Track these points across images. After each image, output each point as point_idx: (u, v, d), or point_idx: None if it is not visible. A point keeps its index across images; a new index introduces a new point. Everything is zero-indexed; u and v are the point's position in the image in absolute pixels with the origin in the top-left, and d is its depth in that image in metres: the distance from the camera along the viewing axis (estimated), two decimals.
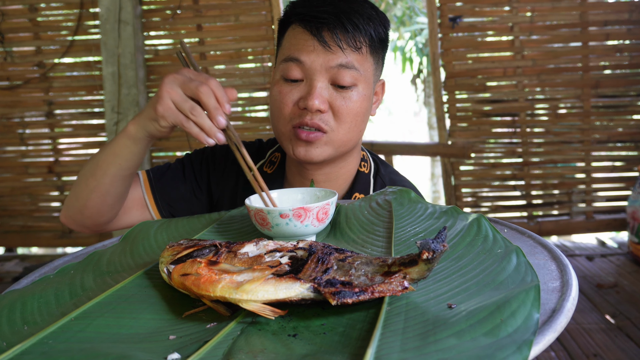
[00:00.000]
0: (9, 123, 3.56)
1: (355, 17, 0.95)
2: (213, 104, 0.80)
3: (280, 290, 0.50)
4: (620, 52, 3.43)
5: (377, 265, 0.54)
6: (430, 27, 3.46)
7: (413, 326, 0.47)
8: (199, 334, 0.49)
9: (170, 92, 0.81)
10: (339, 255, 0.56)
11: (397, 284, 0.50)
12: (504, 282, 0.54)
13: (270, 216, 0.71)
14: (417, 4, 8.17)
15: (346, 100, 0.96)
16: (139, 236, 0.80)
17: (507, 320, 0.45)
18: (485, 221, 0.72)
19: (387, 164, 1.19)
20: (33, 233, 3.65)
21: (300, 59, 0.95)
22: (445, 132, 3.54)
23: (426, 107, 9.07)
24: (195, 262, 0.56)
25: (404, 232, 0.75)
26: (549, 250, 0.66)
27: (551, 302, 0.51)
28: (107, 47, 3.35)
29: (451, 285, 0.55)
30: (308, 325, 0.50)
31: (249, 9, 3.43)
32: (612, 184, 3.58)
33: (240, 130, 3.54)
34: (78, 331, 0.50)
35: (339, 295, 0.49)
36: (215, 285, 0.51)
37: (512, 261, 0.59)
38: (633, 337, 2.29)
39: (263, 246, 0.60)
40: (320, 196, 0.82)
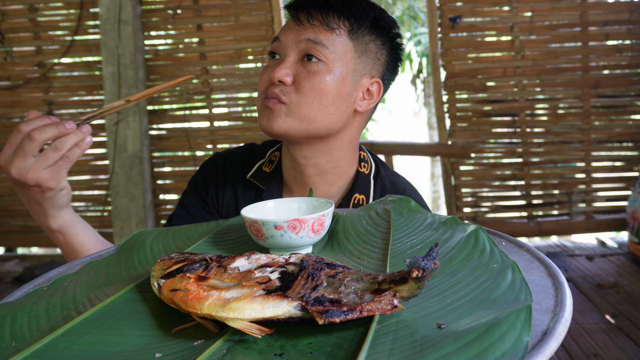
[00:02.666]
0: (9, 123, 3.56)
1: (335, 1, 0.99)
2: (50, 130, 0.80)
3: (267, 309, 0.49)
4: (620, 52, 3.43)
5: (367, 282, 0.53)
6: (430, 27, 3.46)
7: (400, 347, 0.46)
8: (186, 351, 0.49)
9: (22, 172, 0.80)
10: (330, 271, 0.55)
11: (387, 303, 0.49)
12: (497, 300, 0.53)
13: (265, 228, 0.71)
14: (416, 4, 8.16)
15: (310, 74, 0.97)
16: (134, 246, 0.78)
17: (496, 343, 0.44)
18: (484, 233, 0.71)
19: (388, 165, 1.19)
20: (33, 233, 3.65)
21: (279, 36, 1.02)
22: (445, 132, 3.54)
23: (426, 107, 9.07)
24: (184, 277, 0.56)
25: (401, 243, 0.75)
26: (546, 266, 0.65)
27: (543, 324, 0.50)
28: (107, 47, 3.35)
29: (443, 303, 0.54)
30: (295, 344, 0.49)
31: (249, 9, 3.43)
32: (612, 184, 3.58)
33: (240, 130, 3.54)
34: (63, 349, 0.49)
35: (326, 314, 0.48)
36: (202, 302, 0.51)
37: (508, 277, 0.58)
38: (633, 337, 2.29)
39: (255, 260, 0.60)
40: (317, 206, 0.82)
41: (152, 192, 3.55)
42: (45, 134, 0.79)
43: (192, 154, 3.55)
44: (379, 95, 1.07)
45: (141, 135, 3.42)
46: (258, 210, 0.81)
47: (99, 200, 3.57)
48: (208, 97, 3.52)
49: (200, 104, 3.57)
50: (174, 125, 3.56)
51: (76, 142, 0.82)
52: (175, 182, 3.60)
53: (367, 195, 1.08)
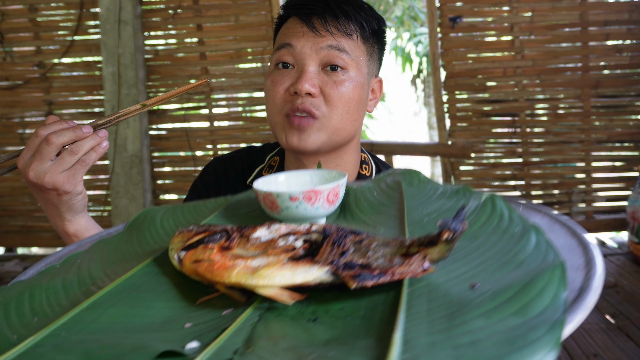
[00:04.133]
0: (9, 123, 3.56)
1: (345, 5, 0.97)
2: (68, 134, 0.80)
3: (297, 275, 0.49)
4: (620, 52, 3.43)
5: (394, 247, 0.53)
6: (430, 27, 3.46)
7: (437, 307, 0.45)
8: (216, 321, 0.48)
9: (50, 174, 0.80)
10: (355, 238, 0.55)
11: (417, 265, 0.49)
12: (525, 261, 0.53)
13: (280, 199, 0.69)
14: (416, 4, 8.16)
15: (337, 84, 0.96)
16: (144, 223, 0.78)
17: (535, 299, 0.44)
18: (499, 200, 0.71)
19: (389, 166, 1.18)
20: (33, 233, 3.65)
21: (291, 43, 0.97)
22: (445, 132, 3.54)
23: (426, 107, 9.07)
24: (207, 247, 0.55)
25: (416, 212, 0.74)
26: (568, 228, 0.63)
27: (577, 281, 0.49)
28: (107, 47, 3.35)
29: (470, 265, 0.54)
30: (327, 309, 0.49)
31: (249, 9, 3.43)
32: (612, 184, 3.58)
33: (240, 130, 3.54)
34: (90, 322, 0.48)
35: (358, 278, 0.48)
36: (230, 271, 0.50)
37: (531, 240, 0.57)
38: (633, 337, 2.29)
39: (275, 230, 0.59)
40: (328, 178, 0.80)
41: (152, 192, 3.55)
42: (63, 138, 0.80)
43: (192, 154, 3.55)
44: (381, 93, 1.08)
45: (141, 135, 3.42)
46: (270, 184, 0.79)
47: (99, 200, 3.57)
48: (208, 97, 3.52)
49: (200, 104, 3.57)
50: (174, 125, 3.56)
51: (93, 146, 0.82)
52: (175, 182, 3.60)
53: None
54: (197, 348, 0.42)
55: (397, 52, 8.65)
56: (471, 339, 0.40)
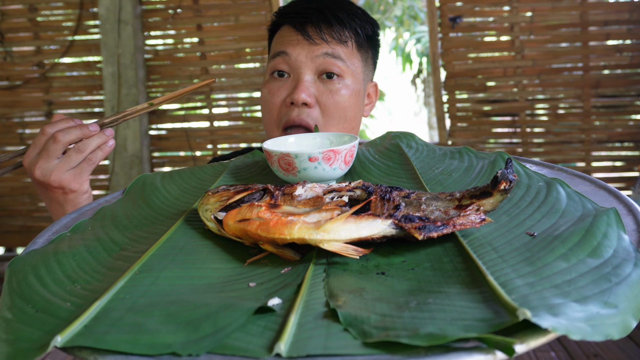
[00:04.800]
0: (9, 123, 3.56)
1: (339, 12, 0.97)
2: (75, 131, 0.79)
3: (362, 229, 0.48)
4: (620, 52, 3.43)
5: (446, 200, 0.53)
6: (430, 27, 3.46)
7: (509, 254, 0.45)
8: (279, 279, 0.47)
9: (56, 172, 0.80)
10: (400, 193, 0.54)
11: (475, 217, 0.49)
12: (567, 210, 0.53)
13: (298, 160, 0.67)
14: (416, 4, 8.16)
15: (333, 93, 0.96)
16: (145, 189, 0.77)
17: (603, 242, 0.45)
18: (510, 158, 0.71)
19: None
20: (33, 233, 3.64)
21: (286, 51, 0.97)
22: (445, 132, 3.53)
23: (426, 107, 9.08)
24: (253, 206, 0.53)
25: (429, 172, 0.73)
26: (590, 180, 0.64)
27: (629, 224, 0.50)
28: (107, 47, 3.35)
29: (513, 216, 0.54)
30: (390, 263, 0.48)
31: (249, 9, 3.42)
32: (612, 184, 3.58)
33: (240, 130, 3.54)
34: (150, 284, 0.47)
35: (424, 230, 0.48)
36: (290, 227, 0.49)
37: (561, 191, 0.58)
38: (633, 337, 2.29)
39: (310, 188, 0.57)
40: (334, 140, 0.79)
41: None
42: (69, 136, 0.79)
43: (192, 154, 3.54)
44: (377, 97, 1.08)
45: (141, 135, 3.42)
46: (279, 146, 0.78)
47: None
48: (208, 97, 3.52)
49: (200, 104, 3.57)
50: (173, 125, 3.56)
51: (99, 144, 0.82)
52: None
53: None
54: (281, 304, 0.42)
55: (397, 52, 8.65)
56: (564, 278, 0.40)
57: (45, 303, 0.45)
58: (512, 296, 0.38)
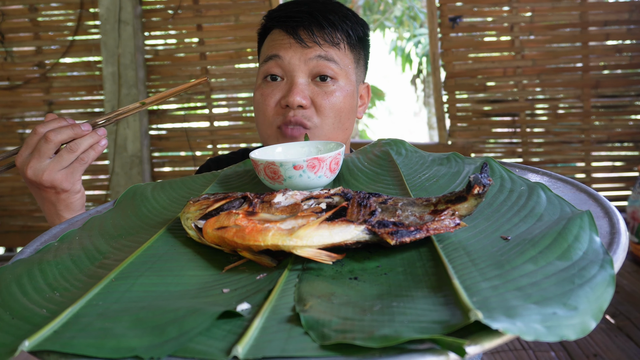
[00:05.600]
0: (9, 123, 3.56)
1: (331, 15, 0.97)
2: (66, 131, 0.80)
3: (335, 234, 0.48)
4: (620, 52, 3.43)
5: (422, 205, 0.53)
6: (430, 27, 3.46)
7: (480, 259, 0.46)
8: (253, 285, 0.48)
9: (48, 172, 0.80)
10: (377, 199, 0.55)
11: (449, 221, 0.49)
12: (545, 214, 0.54)
13: (283, 168, 0.68)
14: (416, 4, 8.16)
15: (328, 94, 0.96)
16: (135, 199, 0.77)
17: (573, 244, 0.45)
18: (496, 163, 0.72)
19: None
20: (33, 233, 3.65)
21: (279, 54, 0.96)
22: (445, 132, 3.54)
23: (426, 107, 9.08)
24: (231, 214, 0.54)
25: (416, 178, 0.74)
26: (572, 184, 0.65)
27: (604, 227, 0.51)
28: (107, 47, 3.35)
29: (491, 221, 0.55)
30: (363, 268, 0.49)
31: (249, 9, 3.43)
32: (612, 184, 3.58)
33: (240, 130, 3.54)
34: (125, 291, 0.48)
35: (396, 235, 0.48)
36: (264, 234, 0.49)
37: (541, 195, 0.58)
38: (633, 337, 2.29)
39: (291, 195, 0.58)
40: (322, 148, 0.79)
41: None
42: (61, 135, 0.80)
43: (192, 154, 3.55)
44: (369, 98, 1.09)
45: (141, 135, 3.42)
46: (267, 154, 0.78)
47: (99, 200, 3.57)
48: (208, 97, 3.52)
49: (200, 104, 3.57)
50: (173, 125, 3.56)
51: (91, 144, 0.82)
52: None
53: None
54: (250, 309, 0.43)
55: (397, 52, 8.65)
56: (529, 281, 0.41)
57: (23, 310, 0.46)
58: (473, 299, 0.39)
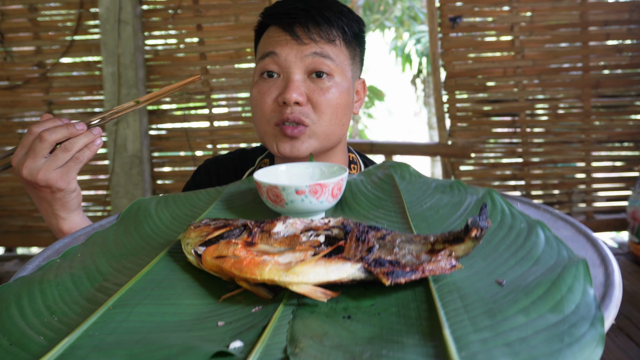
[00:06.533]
0: (9, 123, 3.56)
1: (326, 11, 0.97)
2: (61, 131, 0.80)
3: (331, 272, 0.49)
4: (620, 52, 3.43)
5: (419, 244, 0.53)
6: (430, 27, 3.46)
7: (473, 304, 0.46)
8: (248, 318, 0.48)
9: (43, 172, 0.81)
10: (376, 234, 0.55)
11: (446, 263, 0.49)
12: (542, 257, 0.53)
13: (286, 193, 0.68)
14: (416, 4, 8.16)
15: (324, 91, 0.96)
16: (139, 215, 0.77)
17: (566, 296, 0.45)
18: (497, 195, 0.71)
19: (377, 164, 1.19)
20: (33, 233, 3.65)
21: (275, 51, 0.97)
22: (445, 132, 3.54)
23: (426, 107, 9.07)
24: (230, 243, 0.54)
25: (417, 206, 0.74)
26: (572, 224, 0.64)
27: (599, 276, 0.50)
28: (107, 47, 3.35)
29: (488, 261, 0.54)
30: (358, 306, 0.49)
31: (249, 9, 3.43)
32: (612, 184, 3.58)
33: (240, 130, 3.54)
34: (122, 321, 0.48)
35: (392, 275, 0.48)
36: (261, 267, 0.49)
37: (540, 236, 0.58)
38: (633, 337, 2.29)
39: (291, 224, 0.58)
40: (325, 170, 0.80)
41: (152, 192, 3.55)
42: (56, 135, 0.80)
43: (192, 154, 3.55)
44: (365, 94, 1.09)
45: (141, 135, 3.42)
46: (270, 175, 0.79)
47: (99, 200, 3.57)
48: (208, 97, 3.52)
49: (200, 104, 3.57)
50: (173, 125, 3.56)
51: (86, 143, 0.82)
52: (175, 182, 3.60)
53: None
54: (242, 347, 0.42)
55: (397, 52, 8.64)
56: (519, 336, 0.41)
57: (20, 335, 0.46)
58: (462, 353, 0.39)
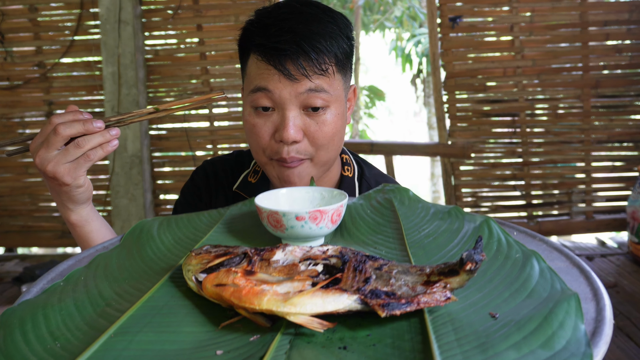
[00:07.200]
0: (9, 123, 3.56)
1: (317, 41, 0.92)
2: (77, 126, 0.80)
3: (328, 303, 0.50)
4: (620, 52, 3.43)
5: (415, 275, 0.54)
6: (430, 27, 3.46)
7: (466, 337, 0.47)
8: (246, 347, 0.48)
9: (54, 164, 0.81)
10: (374, 264, 0.56)
11: (440, 295, 0.50)
12: (535, 289, 0.54)
13: (286, 218, 0.70)
14: (416, 4, 8.16)
15: (320, 125, 0.95)
16: (142, 237, 0.78)
17: (558, 331, 0.45)
18: (495, 224, 0.72)
19: (372, 165, 1.18)
20: (33, 233, 3.65)
21: (268, 88, 0.93)
22: (445, 132, 3.54)
23: (426, 107, 9.07)
24: (230, 271, 0.55)
25: (415, 233, 0.75)
26: (566, 255, 0.65)
27: (590, 311, 0.51)
28: (107, 47, 3.35)
29: (483, 292, 0.55)
30: (354, 337, 0.50)
31: (249, 9, 3.43)
32: (612, 184, 3.58)
33: (240, 130, 3.54)
34: (122, 349, 0.49)
35: (387, 307, 0.49)
36: (260, 297, 0.51)
37: (535, 267, 0.59)
38: (633, 337, 2.29)
39: (290, 252, 0.60)
40: (326, 195, 0.81)
41: (152, 192, 3.55)
42: (70, 130, 0.79)
43: (192, 154, 3.55)
44: (355, 99, 1.08)
45: (141, 135, 3.42)
46: (270, 199, 0.79)
47: (99, 200, 3.57)
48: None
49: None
50: (173, 125, 3.56)
51: (101, 142, 0.81)
52: (175, 182, 3.60)
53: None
54: None
55: (397, 53, 8.64)
56: None
57: None
58: None
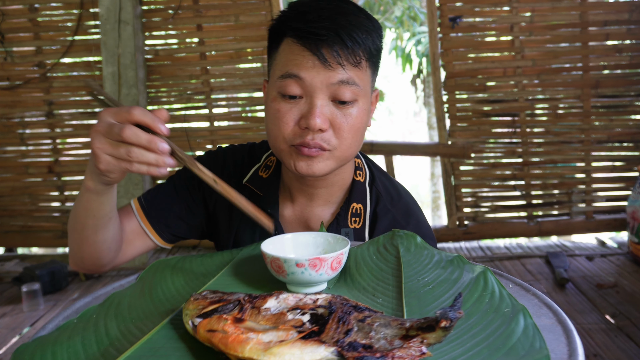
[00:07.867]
0: (9, 123, 3.56)
1: (354, 32, 0.93)
2: (144, 139, 0.77)
3: (306, 354, 0.53)
4: (620, 52, 3.43)
5: (395, 328, 0.57)
6: (430, 27, 3.46)
7: None
8: None
9: (100, 148, 0.78)
10: (358, 315, 0.59)
11: (416, 349, 0.53)
12: (514, 347, 0.57)
13: (287, 265, 0.74)
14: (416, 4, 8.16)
15: (347, 117, 0.95)
16: (155, 277, 0.82)
17: None
18: (491, 275, 0.75)
19: (383, 170, 1.18)
20: (33, 233, 3.65)
21: (299, 75, 0.92)
22: (445, 132, 3.54)
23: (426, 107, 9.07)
24: (221, 318, 0.59)
25: (413, 281, 0.78)
26: (554, 312, 0.68)
27: None
28: (107, 47, 3.35)
29: (463, 348, 0.57)
30: None
31: (249, 9, 3.43)
32: (612, 184, 3.58)
33: (240, 130, 3.54)
34: None
35: None
36: (243, 345, 0.54)
37: (520, 323, 0.61)
38: (633, 337, 2.29)
39: (283, 300, 0.64)
40: (331, 241, 0.85)
41: None
42: (132, 139, 0.77)
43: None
44: (376, 103, 1.08)
45: None
46: (276, 244, 0.83)
47: None
48: (208, 97, 3.52)
49: (200, 104, 3.57)
50: (174, 125, 3.56)
51: (151, 162, 0.78)
52: None
53: (364, 204, 1.08)
54: None
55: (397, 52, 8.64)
56: None
57: None
58: None
